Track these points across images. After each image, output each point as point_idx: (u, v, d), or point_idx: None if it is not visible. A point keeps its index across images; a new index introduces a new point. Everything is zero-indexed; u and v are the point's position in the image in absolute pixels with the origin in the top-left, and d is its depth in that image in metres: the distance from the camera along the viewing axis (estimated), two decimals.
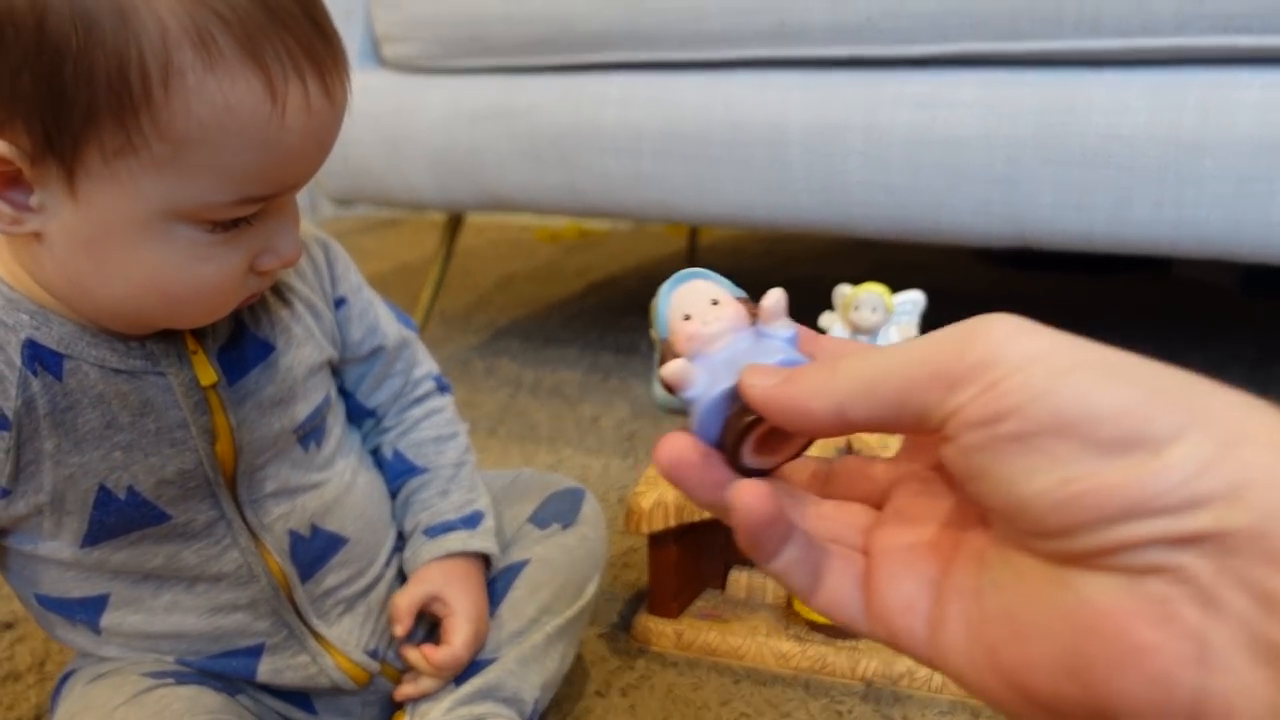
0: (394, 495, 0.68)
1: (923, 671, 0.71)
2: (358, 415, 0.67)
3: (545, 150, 1.20)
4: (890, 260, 2.03)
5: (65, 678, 0.60)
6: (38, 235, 0.47)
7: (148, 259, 0.47)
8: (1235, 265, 1.71)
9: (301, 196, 0.54)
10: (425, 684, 0.62)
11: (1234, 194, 0.90)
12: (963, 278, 1.90)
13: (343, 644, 0.61)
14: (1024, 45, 0.95)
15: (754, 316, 0.35)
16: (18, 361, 0.49)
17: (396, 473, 0.67)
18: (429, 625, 0.65)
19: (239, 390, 0.55)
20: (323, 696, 0.62)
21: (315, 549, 0.60)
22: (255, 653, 0.59)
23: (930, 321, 0.69)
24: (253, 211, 0.48)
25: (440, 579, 0.63)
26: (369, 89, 1.30)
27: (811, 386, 0.30)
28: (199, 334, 0.54)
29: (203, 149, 0.44)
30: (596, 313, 1.71)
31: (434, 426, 0.69)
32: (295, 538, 0.58)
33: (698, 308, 0.35)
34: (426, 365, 0.70)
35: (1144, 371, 0.27)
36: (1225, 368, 1.34)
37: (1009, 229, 1.01)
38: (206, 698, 0.55)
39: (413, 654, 0.62)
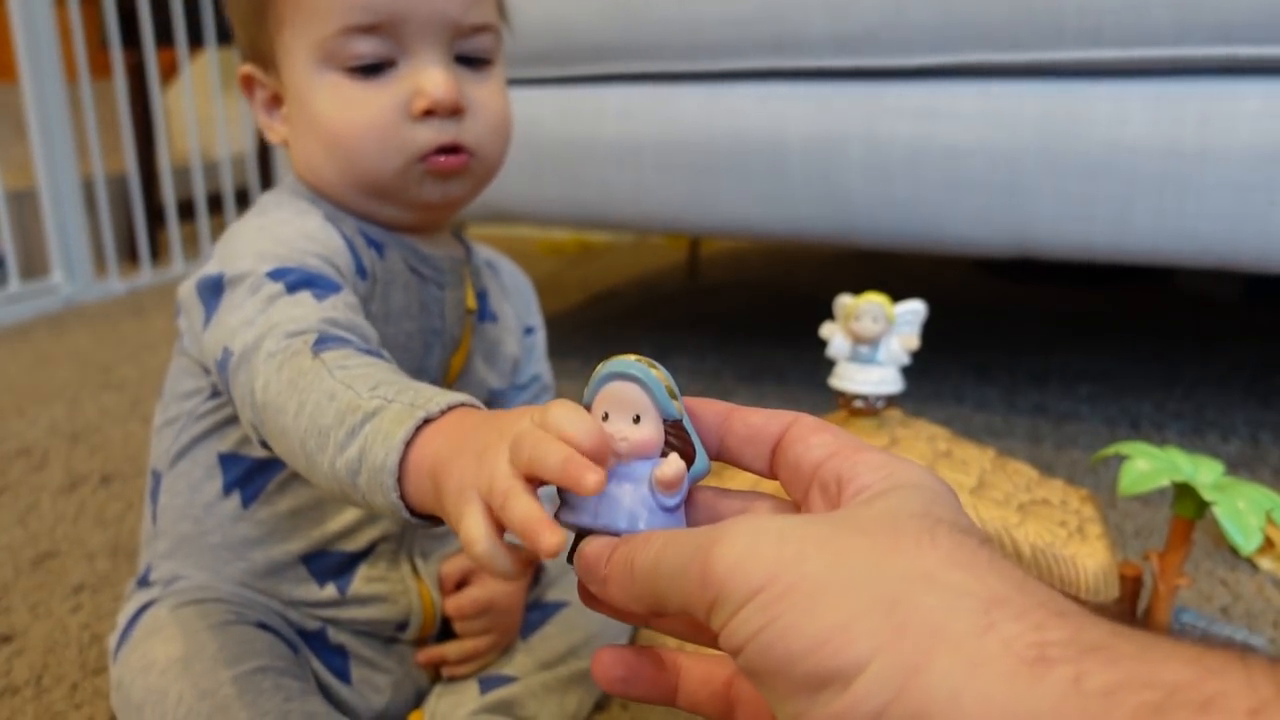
0: None
1: None
2: None
3: (545, 162, 1.20)
4: (891, 271, 2.03)
5: (140, 611, 0.62)
6: (287, 143, 0.61)
7: (315, 112, 0.57)
8: (1236, 276, 1.71)
9: None
10: (464, 646, 0.65)
11: (1235, 204, 0.90)
12: (964, 289, 1.90)
13: (430, 582, 0.65)
14: (1024, 55, 0.95)
15: (671, 440, 0.35)
16: (359, 236, 0.59)
17: None
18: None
19: (481, 328, 0.66)
20: (364, 657, 0.64)
21: None
22: (363, 556, 0.63)
23: (931, 332, 0.70)
24: (370, 48, 0.55)
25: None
26: None
27: (618, 580, 0.33)
28: (472, 275, 0.66)
29: None
30: (598, 325, 1.71)
31: None
32: None
33: (620, 416, 0.35)
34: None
35: (856, 578, 0.27)
36: (1226, 379, 1.33)
37: (1010, 239, 1.01)
38: (281, 647, 0.58)
39: (447, 601, 0.64)
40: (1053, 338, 1.56)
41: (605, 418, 0.35)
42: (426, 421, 0.40)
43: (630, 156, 1.14)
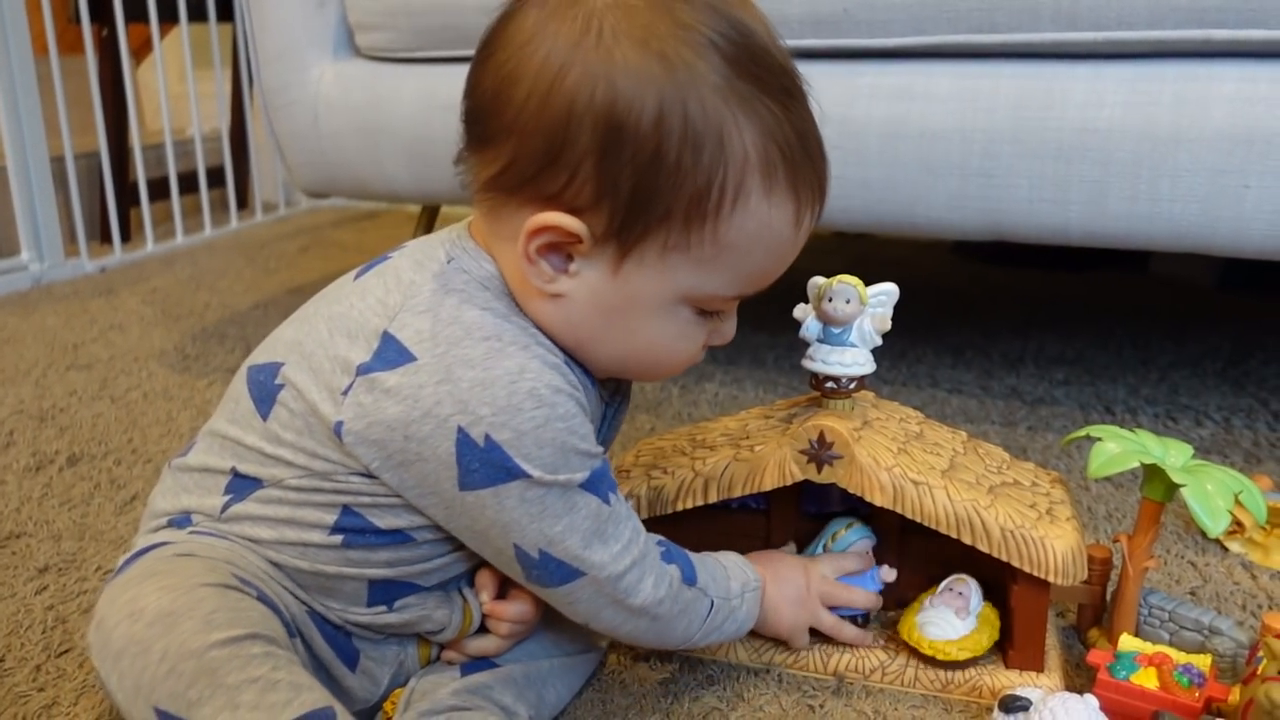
0: None
1: (894, 666, 0.70)
2: None
3: None
4: (869, 254, 2.03)
5: (142, 551, 0.60)
6: (562, 296, 0.56)
7: (650, 330, 0.58)
8: (1211, 261, 1.72)
9: (276, 190, 0.56)
10: (485, 644, 0.66)
11: (1208, 188, 0.90)
12: (942, 273, 1.90)
13: (469, 597, 0.66)
14: (1000, 37, 0.95)
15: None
16: (570, 374, 0.58)
17: None
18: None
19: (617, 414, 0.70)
20: (370, 649, 0.64)
21: None
22: (423, 589, 0.63)
23: (908, 316, 0.69)
24: (733, 304, 0.60)
25: None
26: (345, 79, 1.29)
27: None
28: None
29: (736, 254, 0.56)
30: None
31: None
32: None
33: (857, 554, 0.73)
34: None
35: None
36: (1200, 364, 1.34)
37: (985, 222, 1.01)
38: (275, 622, 0.56)
39: (491, 606, 0.65)
40: (1029, 321, 1.57)
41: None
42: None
43: None
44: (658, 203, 0.52)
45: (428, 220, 1.50)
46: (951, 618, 0.68)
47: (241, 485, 0.61)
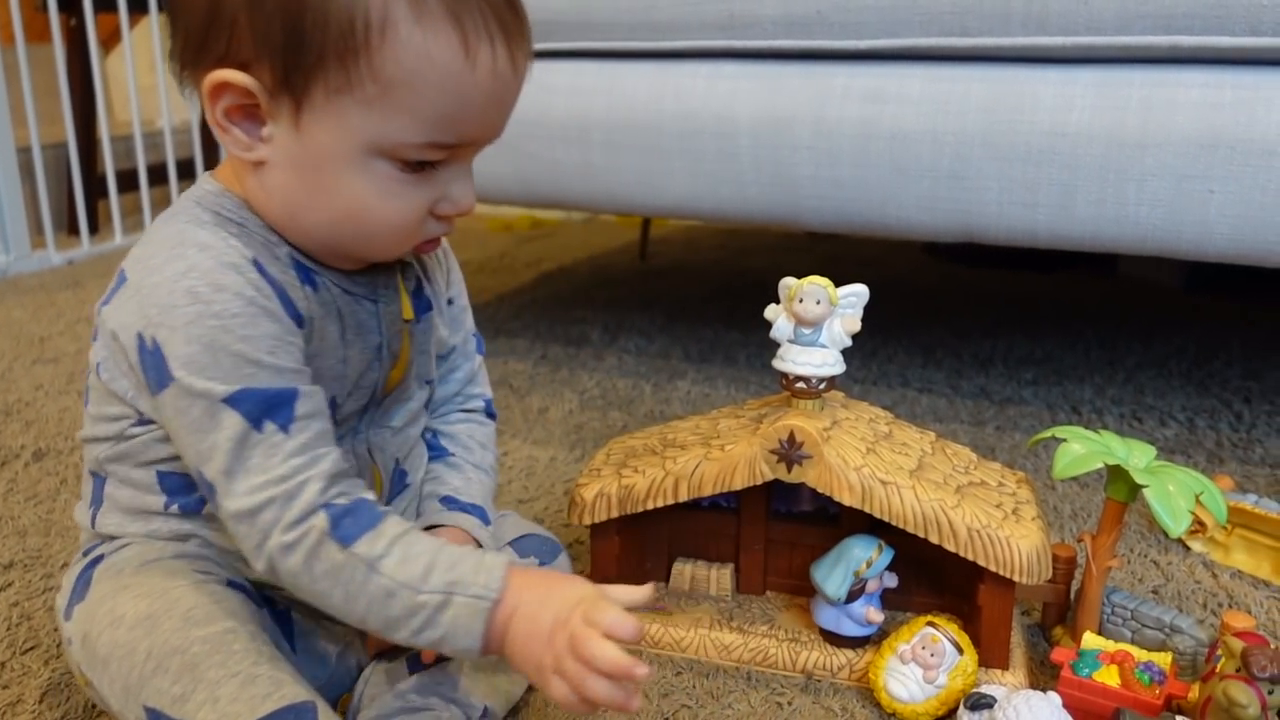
0: None
1: (862, 663, 0.71)
2: None
3: None
4: (842, 254, 2.04)
5: (94, 564, 0.61)
6: (261, 163, 0.56)
7: (349, 188, 0.55)
8: (1178, 263, 1.74)
9: None
10: None
11: (1173, 192, 0.91)
12: (914, 273, 1.92)
13: None
14: (972, 41, 0.96)
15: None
16: (293, 275, 0.57)
17: (429, 450, 0.73)
18: None
19: (417, 329, 0.66)
20: (310, 626, 0.64)
21: (400, 482, 0.68)
22: None
23: (880, 315, 0.70)
24: (438, 158, 0.56)
25: (449, 539, 0.66)
26: None
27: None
28: (403, 276, 0.64)
29: (404, 91, 0.53)
30: (547, 304, 1.70)
31: (469, 433, 0.74)
32: (396, 465, 0.67)
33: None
34: (483, 388, 0.77)
35: None
36: (1166, 365, 1.36)
37: (955, 224, 1.01)
38: (251, 607, 0.58)
39: None
40: (999, 322, 1.58)
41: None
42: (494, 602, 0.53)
43: (579, 134, 1.13)
44: (310, 45, 0.52)
45: None
46: (919, 679, 0.67)
47: (96, 490, 0.63)
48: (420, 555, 0.54)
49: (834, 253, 2.05)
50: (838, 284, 0.69)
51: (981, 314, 1.63)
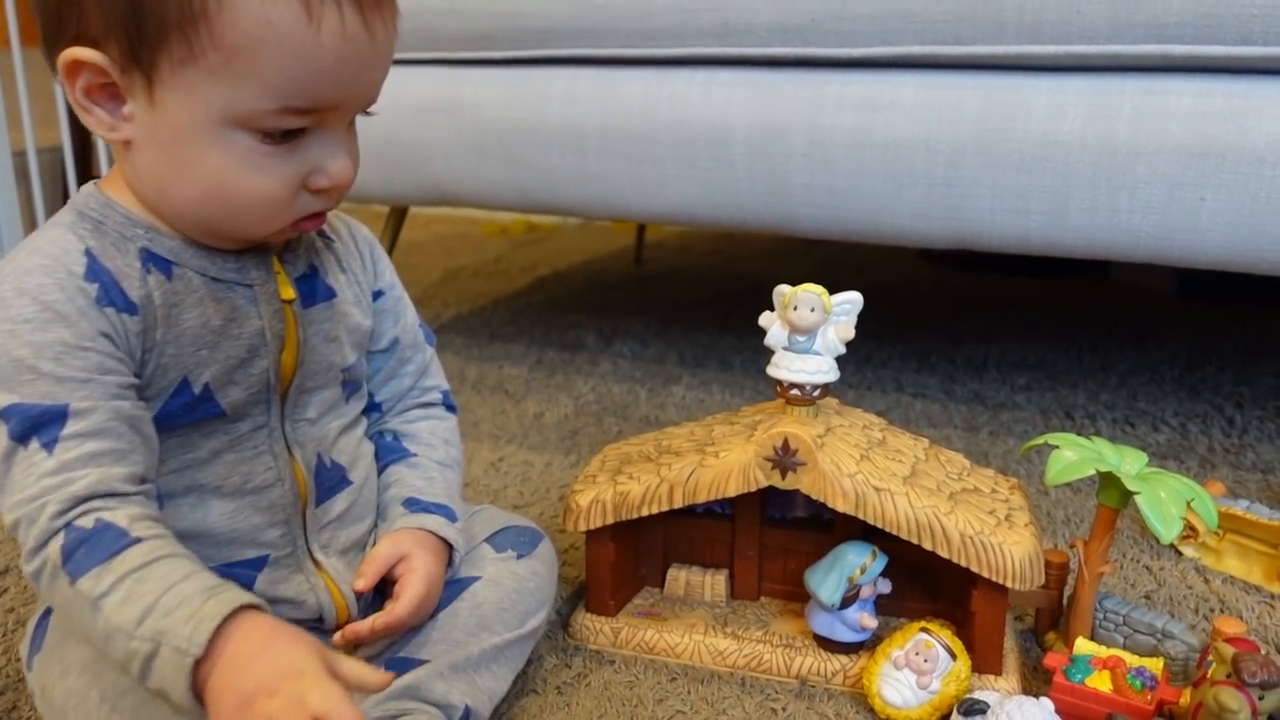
0: (380, 473, 0.71)
1: (856, 669, 0.71)
2: (366, 407, 0.72)
3: (490, 145, 1.19)
4: (836, 260, 2.05)
5: (48, 613, 0.61)
6: (129, 143, 0.55)
7: (210, 162, 0.54)
8: (1170, 269, 1.75)
9: None
10: (364, 628, 0.63)
11: (1165, 200, 0.92)
12: (907, 278, 1.92)
13: (335, 574, 0.65)
14: (965, 49, 0.96)
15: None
16: (137, 263, 0.56)
17: (387, 451, 0.72)
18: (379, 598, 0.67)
19: (309, 314, 0.63)
20: None
21: (331, 478, 0.66)
22: (258, 565, 0.62)
23: (873, 320, 0.70)
24: (297, 125, 0.54)
25: (411, 543, 0.66)
26: None
27: None
28: (282, 259, 0.62)
29: (248, 58, 0.52)
30: (542, 308, 1.70)
31: (430, 430, 0.73)
32: (320, 461, 0.65)
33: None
34: (438, 379, 0.76)
35: None
36: (1158, 370, 1.36)
37: (949, 231, 1.02)
38: None
39: (361, 625, 0.63)
40: (992, 327, 1.59)
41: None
42: (197, 660, 0.48)
43: (574, 141, 1.14)
44: (151, 16, 0.51)
45: (396, 221, 1.50)
46: (913, 684, 0.67)
47: None
48: (144, 595, 0.50)
49: (828, 258, 2.05)
50: (831, 290, 0.70)
51: (975, 319, 1.63)
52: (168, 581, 0.50)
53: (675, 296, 1.77)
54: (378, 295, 0.70)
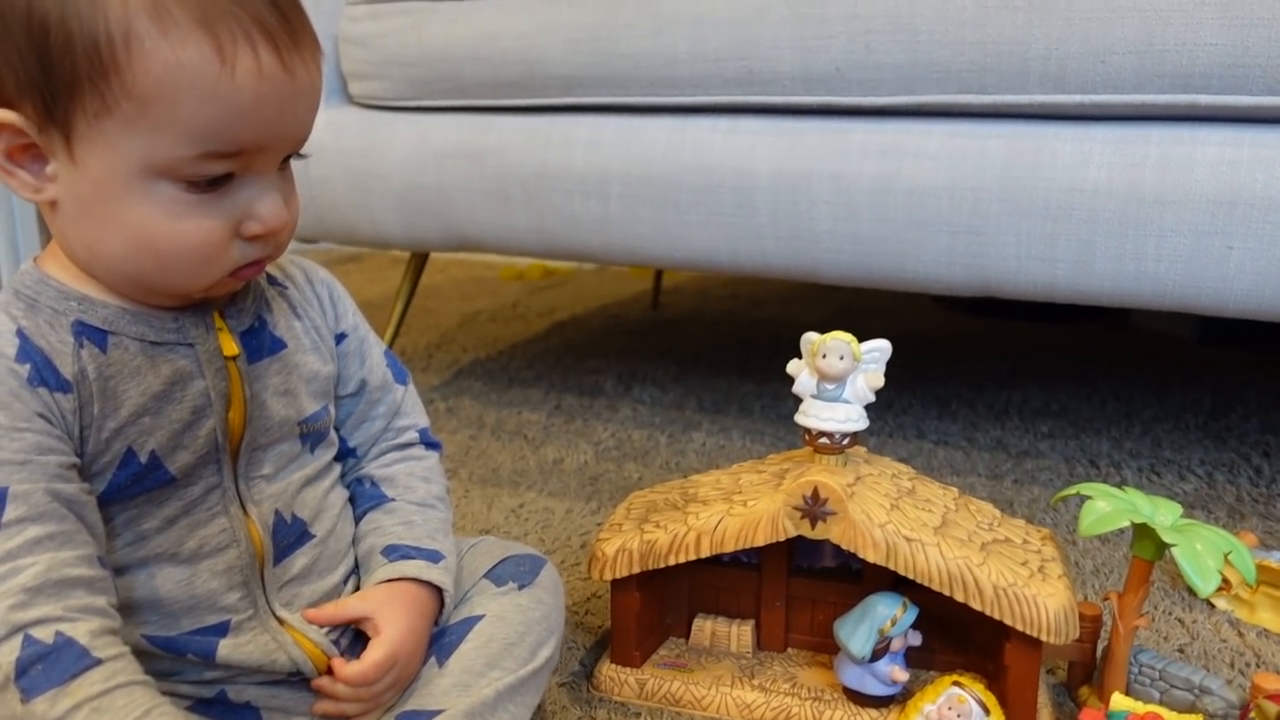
0: (358, 521, 0.69)
1: None
2: (340, 454, 0.70)
3: (513, 191, 1.20)
4: (853, 305, 2.05)
5: None
6: (55, 204, 0.54)
7: (135, 215, 0.53)
8: (1191, 316, 1.74)
9: None
10: (347, 707, 0.61)
11: (1192, 248, 0.92)
12: (925, 323, 1.92)
13: (303, 628, 0.62)
14: (990, 98, 0.96)
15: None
16: (70, 338, 0.55)
17: (365, 499, 0.70)
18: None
19: (255, 369, 0.61)
20: (278, 706, 0.61)
21: (291, 534, 0.63)
22: (220, 630, 0.60)
23: (893, 366, 0.70)
24: (221, 170, 0.53)
25: (380, 601, 0.63)
26: (336, 126, 1.30)
27: None
28: (225, 314, 0.60)
29: (162, 105, 0.51)
30: (560, 353, 1.70)
31: (407, 471, 0.71)
32: (278, 518, 0.62)
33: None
34: (414, 417, 0.74)
35: None
36: (1182, 417, 1.35)
37: (974, 279, 1.02)
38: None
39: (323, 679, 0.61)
40: (1013, 373, 1.58)
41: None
42: None
43: (597, 188, 1.14)
44: (60, 70, 0.50)
45: (416, 266, 1.50)
46: None
47: None
48: (93, 702, 0.48)
49: (846, 303, 2.05)
50: (857, 339, 0.70)
51: (994, 365, 1.63)
52: (125, 716, 0.49)
53: (693, 341, 1.77)
54: (340, 338, 0.69)
